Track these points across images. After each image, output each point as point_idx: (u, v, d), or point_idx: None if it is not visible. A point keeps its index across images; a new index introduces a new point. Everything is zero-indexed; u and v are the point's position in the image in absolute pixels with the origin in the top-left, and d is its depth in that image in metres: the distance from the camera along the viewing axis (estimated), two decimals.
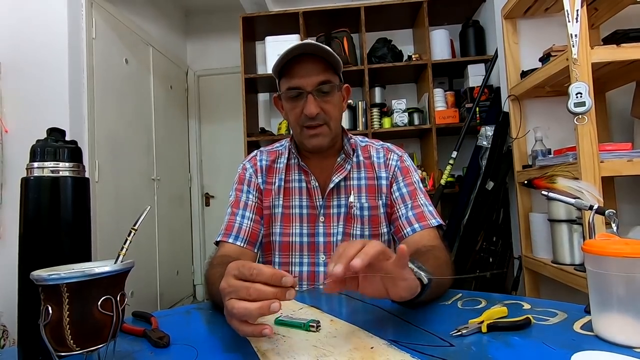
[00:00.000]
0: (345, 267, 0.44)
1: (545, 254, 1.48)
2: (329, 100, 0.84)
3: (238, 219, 0.87)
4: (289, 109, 0.86)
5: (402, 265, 0.48)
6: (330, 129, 0.86)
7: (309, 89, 0.82)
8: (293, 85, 0.83)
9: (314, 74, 0.82)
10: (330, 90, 0.83)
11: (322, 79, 0.82)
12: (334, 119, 0.86)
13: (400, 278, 0.49)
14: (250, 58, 2.80)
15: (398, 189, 0.90)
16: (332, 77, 0.84)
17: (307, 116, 0.82)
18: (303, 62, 0.82)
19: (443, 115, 2.48)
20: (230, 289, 0.47)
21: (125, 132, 2.59)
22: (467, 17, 2.68)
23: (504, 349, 0.47)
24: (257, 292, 0.45)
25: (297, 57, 0.82)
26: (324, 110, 0.83)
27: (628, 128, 1.55)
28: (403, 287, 0.50)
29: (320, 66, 0.82)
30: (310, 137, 0.85)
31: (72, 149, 0.53)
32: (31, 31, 1.98)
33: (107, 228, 2.25)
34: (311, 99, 0.81)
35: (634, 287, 0.46)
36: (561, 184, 0.69)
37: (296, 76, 0.82)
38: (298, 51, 0.80)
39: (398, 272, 0.48)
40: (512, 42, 1.67)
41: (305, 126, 0.84)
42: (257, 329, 0.46)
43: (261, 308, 0.44)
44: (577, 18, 1.16)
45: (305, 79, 0.82)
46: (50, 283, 0.41)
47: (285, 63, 0.82)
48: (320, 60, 0.82)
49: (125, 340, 0.56)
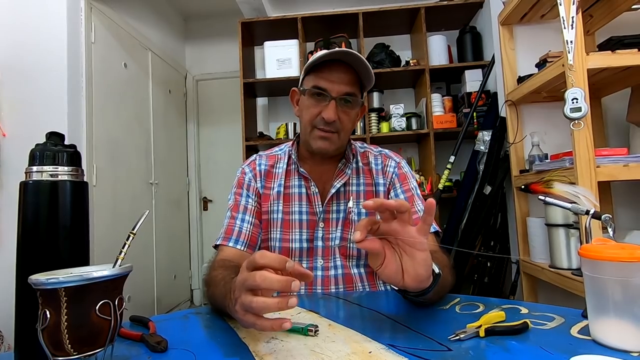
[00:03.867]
0: (376, 204, 0.48)
1: (542, 258, 1.49)
2: (348, 112, 0.85)
3: (238, 222, 0.87)
4: (308, 105, 0.86)
5: (427, 226, 0.49)
6: (339, 139, 0.87)
7: (334, 95, 0.83)
8: (321, 85, 0.83)
9: (344, 83, 0.83)
10: (353, 102, 0.85)
11: (349, 90, 0.83)
12: (345, 130, 0.87)
13: (420, 248, 0.50)
14: (249, 63, 2.81)
15: (396, 196, 0.90)
16: (357, 91, 0.85)
17: (323, 119, 0.83)
18: (337, 68, 0.83)
19: (441, 120, 2.50)
20: (240, 279, 0.48)
21: (124, 136, 2.58)
22: (464, 23, 2.71)
23: (501, 354, 0.47)
24: (262, 278, 0.45)
25: (333, 60, 0.82)
26: (340, 119, 0.84)
27: (624, 133, 1.56)
28: (421, 262, 0.50)
29: (351, 77, 0.83)
30: (318, 139, 0.86)
31: (71, 153, 0.53)
32: (30, 35, 1.99)
33: (105, 232, 2.24)
34: (333, 105, 0.82)
35: (630, 292, 0.46)
36: (558, 188, 0.69)
37: (326, 79, 0.83)
38: (338, 56, 0.81)
39: (420, 239, 0.49)
40: (508, 48, 1.69)
41: (318, 128, 0.85)
42: (277, 323, 0.45)
43: (280, 302, 0.44)
44: (572, 25, 1.18)
45: (333, 85, 0.82)
46: (48, 287, 0.40)
47: (321, 62, 0.83)
48: (353, 72, 0.83)
49: (123, 344, 0.56)
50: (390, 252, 0.52)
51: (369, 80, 0.85)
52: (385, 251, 0.51)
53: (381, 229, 0.51)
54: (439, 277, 0.55)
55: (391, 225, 0.50)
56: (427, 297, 0.57)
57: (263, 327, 0.46)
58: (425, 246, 0.50)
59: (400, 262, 0.51)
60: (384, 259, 0.51)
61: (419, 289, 0.53)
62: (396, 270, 0.51)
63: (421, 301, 0.61)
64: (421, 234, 0.49)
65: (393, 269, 0.51)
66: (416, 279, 0.51)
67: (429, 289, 0.54)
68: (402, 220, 0.49)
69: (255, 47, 2.96)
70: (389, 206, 0.48)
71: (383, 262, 0.51)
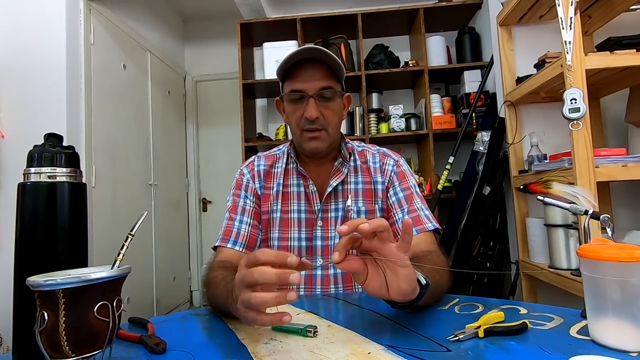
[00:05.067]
0: (350, 229, 0.47)
1: (542, 258, 1.49)
2: (329, 106, 0.85)
3: (236, 224, 0.87)
4: (291, 111, 0.87)
5: (406, 244, 0.49)
6: (328, 135, 0.87)
7: (310, 93, 0.83)
8: (296, 88, 0.84)
9: (317, 79, 0.83)
10: (331, 96, 0.85)
11: (324, 85, 0.83)
12: (332, 125, 0.87)
13: (402, 265, 0.49)
14: (248, 64, 2.81)
15: (394, 194, 0.90)
16: (334, 84, 0.86)
17: (307, 119, 0.83)
18: (307, 67, 0.83)
19: (440, 120, 2.50)
20: (239, 276, 0.48)
21: (123, 138, 2.58)
22: (463, 24, 2.71)
23: (500, 354, 0.47)
24: (259, 273, 0.45)
25: (301, 61, 0.83)
26: (323, 115, 0.84)
27: (622, 134, 1.56)
28: (403, 278, 0.50)
29: (323, 72, 0.84)
30: (309, 140, 0.86)
31: (69, 155, 0.53)
32: (29, 36, 1.99)
33: (103, 233, 2.24)
34: (312, 102, 0.83)
35: (629, 292, 0.46)
36: (557, 189, 0.69)
37: (299, 80, 0.83)
38: (303, 55, 0.82)
39: (400, 256, 0.49)
40: (507, 49, 1.69)
41: (305, 129, 0.85)
42: (276, 317, 0.46)
43: (278, 297, 0.45)
44: (570, 25, 1.18)
45: (307, 83, 0.83)
46: (46, 289, 0.40)
47: (290, 66, 0.84)
48: (324, 66, 0.84)
49: (122, 346, 0.56)
50: (372, 268, 0.51)
51: (339, 70, 0.86)
52: (367, 267, 0.51)
53: (363, 245, 0.50)
54: (427, 288, 0.55)
55: (372, 242, 0.50)
56: (416, 306, 0.57)
57: (263, 322, 0.47)
58: (407, 263, 0.50)
59: (384, 277, 0.51)
60: (367, 275, 0.51)
61: (406, 300, 0.53)
62: (380, 285, 0.51)
63: (411, 310, 0.61)
64: (401, 251, 0.49)
65: (377, 284, 0.51)
66: (400, 293, 0.51)
67: (416, 300, 0.54)
68: (381, 238, 0.49)
69: (255, 48, 2.96)
70: (362, 231, 0.47)
71: (366, 278, 0.51)
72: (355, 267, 0.51)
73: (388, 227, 0.49)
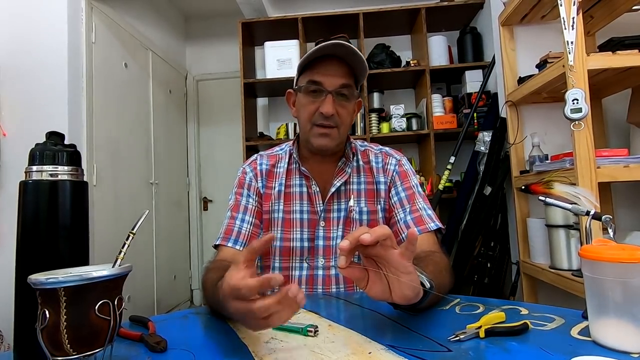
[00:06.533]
0: (352, 243, 0.46)
1: (543, 259, 1.48)
2: (345, 105, 0.85)
3: (237, 222, 0.87)
4: (305, 103, 0.86)
5: (410, 252, 0.49)
6: (339, 133, 0.86)
7: (330, 89, 0.82)
8: (316, 79, 0.83)
9: (338, 76, 0.82)
10: (349, 95, 0.84)
11: (344, 82, 0.83)
12: (344, 125, 0.86)
13: (405, 271, 0.49)
14: (249, 63, 2.81)
15: (396, 193, 0.90)
16: (353, 84, 0.85)
17: (322, 114, 0.82)
18: (331, 62, 0.83)
19: (441, 120, 2.50)
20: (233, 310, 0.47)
21: (124, 136, 2.59)
22: (464, 24, 2.71)
23: (501, 354, 0.47)
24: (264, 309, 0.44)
25: (327, 56, 0.82)
26: (338, 113, 0.84)
27: (624, 134, 1.56)
28: (406, 284, 0.49)
29: (345, 70, 0.83)
30: (319, 136, 0.85)
31: (70, 153, 0.53)
32: (31, 35, 1.99)
33: (105, 232, 2.24)
34: (330, 98, 0.82)
35: (630, 293, 0.46)
36: (558, 189, 0.69)
37: (320, 73, 0.83)
38: (330, 50, 0.81)
39: (403, 263, 0.48)
40: (509, 49, 1.69)
41: (317, 124, 0.84)
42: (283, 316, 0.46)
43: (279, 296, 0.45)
44: (573, 25, 1.18)
45: (329, 78, 0.82)
46: (47, 287, 0.40)
47: (314, 59, 0.83)
48: (347, 66, 0.83)
49: (122, 344, 0.56)
50: (373, 273, 0.51)
51: (362, 71, 0.85)
52: (368, 273, 0.51)
53: (366, 251, 0.50)
54: (430, 293, 0.54)
55: (375, 248, 0.49)
56: (418, 309, 0.57)
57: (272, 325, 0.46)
58: (410, 269, 0.49)
59: (387, 281, 0.51)
60: (367, 280, 0.51)
61: (409, 304, 0.53)
62: (382, 290, 0.51)
63: (414, 313, 0.61)
64: (404, 260, 0.49)
65: (379, 289, 0.51)
66: (403, 298, 0.50)
67: (420, 302, 0.54)
68: (384, 245, 0.49)
69: (256, 48, 2.96)
70: (364, 242, 0.46)
71: (367, 283, 0.51)
72: (356, 275, 0.51)
73: (391, 234, 0.48)
